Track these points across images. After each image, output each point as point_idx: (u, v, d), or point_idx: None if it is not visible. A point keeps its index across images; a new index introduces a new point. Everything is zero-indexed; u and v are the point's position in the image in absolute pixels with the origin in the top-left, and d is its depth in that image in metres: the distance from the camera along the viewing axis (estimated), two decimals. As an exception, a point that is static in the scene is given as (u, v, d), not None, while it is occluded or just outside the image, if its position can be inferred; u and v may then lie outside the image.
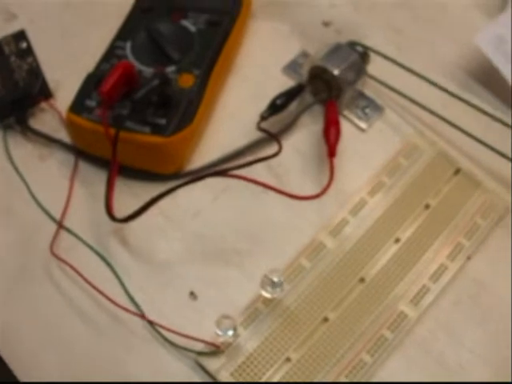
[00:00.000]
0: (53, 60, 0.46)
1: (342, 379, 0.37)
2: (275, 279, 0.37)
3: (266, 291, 0.38)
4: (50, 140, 0.45)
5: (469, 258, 0.41)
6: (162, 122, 0.41)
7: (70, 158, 0.44)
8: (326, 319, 0.38)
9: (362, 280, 0.40)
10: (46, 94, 0.46)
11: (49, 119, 0.46)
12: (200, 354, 0.37)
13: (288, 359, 0.37)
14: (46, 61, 0.46)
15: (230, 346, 0.37)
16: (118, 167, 0.41)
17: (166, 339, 0.38)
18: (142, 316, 0.38)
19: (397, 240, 0.41)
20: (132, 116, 0.41)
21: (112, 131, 0.40)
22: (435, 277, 0.40)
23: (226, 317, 0.36)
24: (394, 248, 0.41)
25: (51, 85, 0.46)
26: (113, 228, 0.42)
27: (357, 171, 0.44)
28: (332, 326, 0.38)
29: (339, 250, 0.40)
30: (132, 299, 0.39)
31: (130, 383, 0.37)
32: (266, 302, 0.39)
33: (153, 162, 0.42)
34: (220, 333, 0.36)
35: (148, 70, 0.43)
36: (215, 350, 0.37)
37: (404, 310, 0.39)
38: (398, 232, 0.41)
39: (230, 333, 0.36)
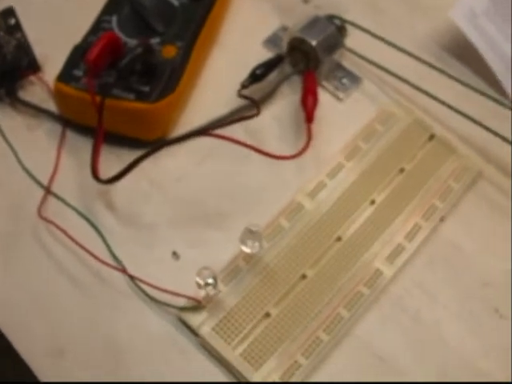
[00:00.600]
0: (41, 35, 0.47)
1: (320, 333, 0.37)
2: (253, 228, 0.37)
3: (246, 246, 0.38)
4: (38, 110, 0.45)
5: (442, 219, 0.41)
6: (146, 89, 0.41)
7: (57, 128, 0.44)
8: (304, 276, 0.39)
9: (338, 239, 0.40)
10: (34, 67, 0.46)
11: (37, 91, 0.46)
12: (182, 309, 0.38)
13: (267, 314, 0.38)
14: (35, 36, 0.46)
15: (212, 302, 0.38)
16: (105, 134, 0.41)
17: (147, 295, 0.38)
18: (124, 271, 0.38)
19: (372, 202, 0.41)
20: (118, 84, 0.41)
21: (98, 98, 0.40)
22: (410, 236, 0.40)
23: (207, 268, 0.36)
24: (370, 209, 0.41)
25: (40, 59, 0.46)
26: (99, 192, 0.42)
27: (334, 137, 0.44)
28: (310, 282, 0.39)
29: (317, 211, 0.41)
30: (115, 256, 0.39)
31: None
32: (247, 258, 0.39)
33: (138, 128, 0.43)
34: (200, 281, 0.36)
35: (133, 42, 0.43)
36: (197, 305, 0.37)
37: (380, 268, 0.39)
38: (374, 194, 0.41)
39: (210, 280, 0.36)
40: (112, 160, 0.42)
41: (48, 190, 0.42)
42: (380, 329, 0.38)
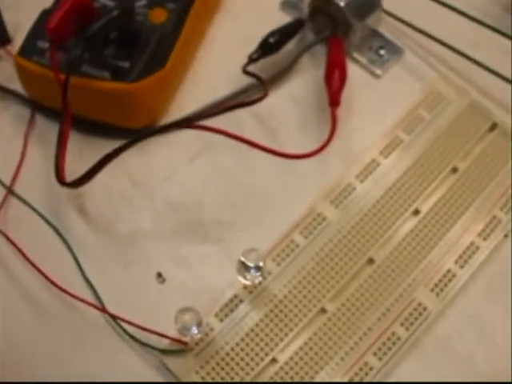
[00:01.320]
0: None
1: (343, 387, 0.27)
2: (250, 264, 0.27)
3: (243, 277, 0.28)
4: (3, 91, 0.35)
5: (506, 235, 0.31)
6: (125, 64, 0.31)
7: (26, 113, 0.35)
8: (323, 311, 0.29)
9: (370, 261, 0.30)
10: (2, 38, 0.36)
11: (5, 68, 0.36)
12: (164, 352, 0.28)
13: (274, 360, 0.28)
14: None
15: (202, 343, 0.28)
16: (80, 121, 0.32)
17: (127, 333, 0.29)
18: (102, 309, 0.29)
19: (416, 212, 0.31)
20: (90, 59, 0.32)
21: (63, 77, 0.30)
22: (463, 259, 0.30)
23: (187, 310, 0.27)
24: (412, 222, 0.31)
25: (10, 28, 0.37)
26: (71, 194, 0.32)
27: (367, 126, 0.34)
28: (331, 319, 0.29)
29: (343, 224, 0.30)
30: (88, 282, 0.30)
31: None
32: (249, 287, 0.29)
33: (117, 114, 0.33)
34: (179, 326, 0.27)
35: (113, 4, 0.33)
36: (182, 348, 0.28)
37: (423, 302, 0.29)
38: (418, 202, 0.31)
39: (195, 331, 0.27)
40: (87, 152, 0.33)
41: (10, 191, 0.32)
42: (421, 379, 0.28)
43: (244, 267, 0.27)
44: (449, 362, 0.29)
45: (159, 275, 0.30)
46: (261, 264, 0.27)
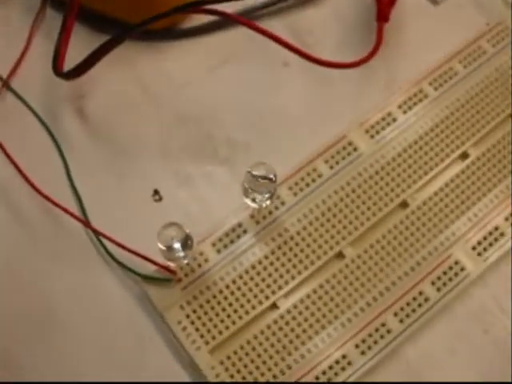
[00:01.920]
0: None
1: (350, 349, 0.22)
2: (257, 173, 0.21)
3: (249, 198, 0.23)
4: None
5: None
6: None
7: (35, 2, 0.30)
8: (340, 255, 0.23)
9: (403, 205, 0.24)
10: None
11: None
12: (146, 278, 0.23)
13: (274, 306, 0.23)
14: None
15: (192, 275, 0.23)
16: (91, 17, 0.26)
17: (108, 252, 0.24)
18: (85, 223, 0.24)
19: (464, 155, 0.25)
20: None
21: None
22: (515, 216, 0.24)
23: (171, 225, 0.21)
24: (459, 166, 0.25)
25: None
26: (72, 95, 0.27)
27: (417, 53, 0.27)
28: (348, 266, 0.23)
29: (376, 158, 0.25)
30: (75, 191, 0.25)
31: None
32: (257, 216, 0.24)
33: (134, 7, 0.27)
34: (161, 246, 0.21)
35: None
36: (168, 277, 0.23)
37: (461, 260, 0.23)
38: (468, 144, 0.25)
39: (180, 253, 0.21)
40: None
41: (6, 83, 0.27)
42: (446, 354, 0.23)
43: (251, 178, 0.21)
44: (481, 338, 0.23)
45: (156, 192, 0.25)
46: (271, 176, 0.21)
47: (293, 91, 0.27)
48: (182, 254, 0.21)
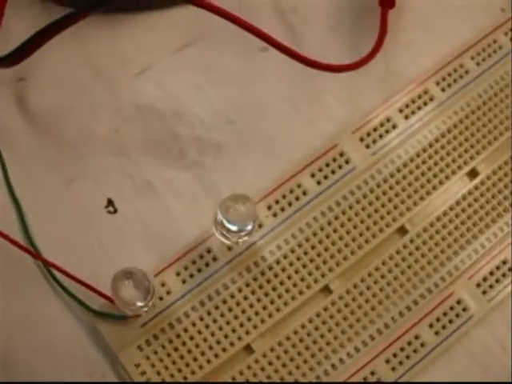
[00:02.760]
0: None
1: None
2: (230, 226, 0.17)
3: (220, 234, 0.18)
4: None
5: None
6: None
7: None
8: (326, 289, 0.20)
9: (401, 231, 0.20)
10: None
11: None
12: (98, 314, 0.19)
13: (248, 348, 0.19)
14: None
15: (153, 310, 0.19)
16: None
17: (58, 282, 0.19)
18: (35, 255, 0.19)
19: (473, 173, 0.21)
20: None
21: None
22: (528, 248, 0.20)
23: (127, 276, 0.17)
24: (467, 186, 0.21)
25: None
26: (8, 78, 0.22)
27: (424, 47, 0.23)
28: (336, 303, 0.19)
29: (372, 172, 0.21)
30: (17, 203, 0.20)
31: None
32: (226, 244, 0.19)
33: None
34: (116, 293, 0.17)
35: None
36: (122, 314, 0.18)
37: (463, 299, 0.20)
38: (478, 159, 0.21)
39: (139, 305, 0.17)
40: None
41: None
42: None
43: (221, 226, 0.17)
44: (480, 379, 0.20)
45: (109, 203, 0.21)
46: (249, 228, 0.17)
47: (273, 82, 0.22)
48: (141, 304, 0.17)
